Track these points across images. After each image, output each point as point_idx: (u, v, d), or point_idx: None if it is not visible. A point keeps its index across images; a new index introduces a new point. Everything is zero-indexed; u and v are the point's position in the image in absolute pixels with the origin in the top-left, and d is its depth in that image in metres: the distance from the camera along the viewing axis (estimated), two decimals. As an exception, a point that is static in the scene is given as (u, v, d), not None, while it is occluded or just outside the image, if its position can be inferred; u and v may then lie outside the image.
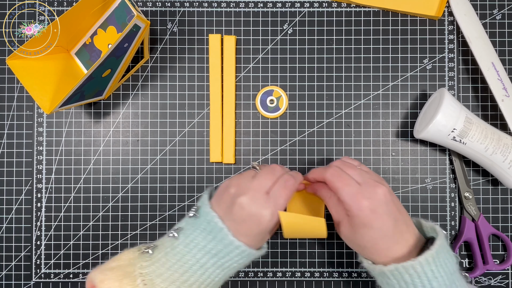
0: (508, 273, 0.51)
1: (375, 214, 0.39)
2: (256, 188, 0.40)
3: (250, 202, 0.40)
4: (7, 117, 0.52)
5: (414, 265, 0.38)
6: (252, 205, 0.39)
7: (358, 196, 0.39)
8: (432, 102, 0.49)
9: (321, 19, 0.52)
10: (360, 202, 0.39)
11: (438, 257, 0.38)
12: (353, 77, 0.52)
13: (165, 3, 0.53)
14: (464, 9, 0.51)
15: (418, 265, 0.38)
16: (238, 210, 0.40)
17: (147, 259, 0.39)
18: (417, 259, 0.38)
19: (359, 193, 0.39)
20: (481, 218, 0.50)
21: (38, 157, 0.52)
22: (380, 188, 0.40)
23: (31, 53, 0.44)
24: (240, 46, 0.52)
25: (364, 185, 0.40)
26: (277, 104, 0.52)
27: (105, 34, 0.48)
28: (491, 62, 0.49)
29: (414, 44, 0.52)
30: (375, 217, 0.39)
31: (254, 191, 0.40)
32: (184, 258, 0.39)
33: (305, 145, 0.52)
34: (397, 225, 0.39)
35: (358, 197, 0.39)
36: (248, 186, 0.41)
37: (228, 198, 0.41)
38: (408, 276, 0.38)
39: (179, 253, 0.39)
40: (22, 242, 0.52)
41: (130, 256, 0.40)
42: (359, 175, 0.41)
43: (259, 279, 0.51)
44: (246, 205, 0.39)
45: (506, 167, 0.47)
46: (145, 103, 0.52)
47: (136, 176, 0.52)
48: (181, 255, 0.39)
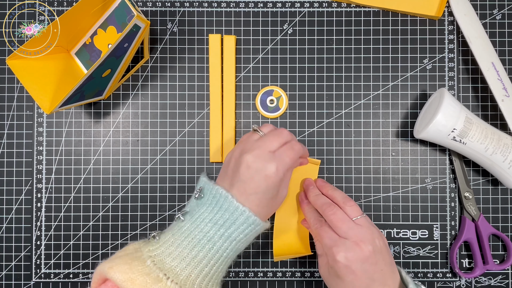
0: (508, 273, 0.51)
1: (347, 269, 0.40)
2: (261, 146, 0.41)
3: (255, 159, 0.40)
4: (7, 117, 0.52)
5: None
6: (258, 161, 0.40)
7: (334, 249, 0.40)
8: (432, 102, 0.49)
9: (321, 19, 0.52)
10: (335, 255, 0.40)
11: None
12: (353, 77, 0.52)
13: (165, 3, 0.53)
14: (464, 9, 0.51)
15: None
16: (244, 169, 0.40)
17: (154, 243, 0.39)
18: None
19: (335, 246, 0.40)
20: (481, 218, 0.50)
21: (38, 157, 0.52)
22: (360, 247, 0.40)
23: (31, 53, 0.44)
24: (240, 46, 0.52)
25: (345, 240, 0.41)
26: (277, 104, 0.52)
27: (105, 34, 0.48)
28: (491, 62, 0.49)
29: (414, 44, 0.52)
30: (347, 272, 0.40)
31: (259, 149, 0.41)
32: (191, 234, 0.39)
33: (305, 145, 0.52)
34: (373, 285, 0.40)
35: (334, 250, 0.40)
36: (253, 145, 0.41)
37: (233, 163, 0.41)
38: None
39: (187, 230, 0.39)
40: (22, 242, 0.52)
41: (135, 246, 0.40)
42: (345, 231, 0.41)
43: (259, 279, 0.51)
44: (251, 162, 0.40)
45: (506, 167, 0.47)
46: (145, 103, 0.52)
47: (136, 176, 0.52)
48: (189, 232, 0.39)
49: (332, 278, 0.42)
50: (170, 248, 0.38)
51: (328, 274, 0.42)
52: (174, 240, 0.39)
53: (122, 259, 0.38)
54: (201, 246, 0.38)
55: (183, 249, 0.38)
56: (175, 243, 0.39)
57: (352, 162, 0.52)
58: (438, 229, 0.51)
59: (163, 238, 0.40)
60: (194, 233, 0.39)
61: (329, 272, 0.42)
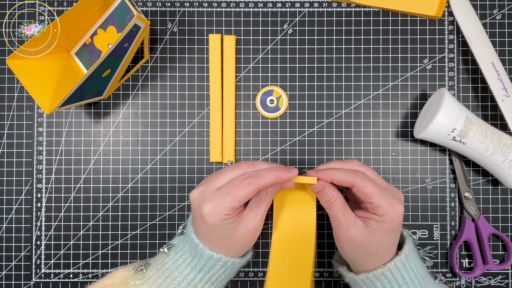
0: (508, 273, 0.51)
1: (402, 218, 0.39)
2: (208, 182, 0.39)
3: (196, 196, 0.38)
4: (7, 117, 0.52)
5: (384, 272, 0.38)
6: (197, 198, 0.38)
7: (394, 201, 0.38)
8: (432, 102, 0.49)
9: (321, 19, 0.52)
10: (397, 207, 0.38)
11: (408, 262, 0.39)
12: (353, 77, 0.52)
13: (165, 3, 0.53)
14: (464, 9, 0.51)
15: (388, 271, 0.38)
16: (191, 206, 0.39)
17: (141, 277, 0.39)
18: (387, 265, 0.38)
19: (393, 198, 0.38)
20: (481, 218, 0.50)
21: (38, 157, 0.52)
22: (400, 193, 0.40)
23: (31, 53, 0.44)
24: (240, 46, 0.52)
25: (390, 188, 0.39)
26: (277, 104, 0.52)
27: (105, 34, 0.48)
28: (491, 62, 0.49)
29: (414, 44, 0.52)
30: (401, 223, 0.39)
31: (205, 185, 0.39)
32: (172, 275, 0.38)
33: (305, 145, 0.52)
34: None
35: (394, 202, 0.38)
36: (204, 181, 0.40)
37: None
38: (379, 283, 0.39)
39: (168, 269, 0.39)
40: (22, 242, 0.52)
41: (124, 275, 0.40)
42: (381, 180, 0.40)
43: (259, 279, 0.51)
44: (193, 199, 0.39)
45: (506, 167, 0.47)
46: (145, 103, 0.52)
47: (136, 176, 0.52)
48: (170, 271, 0.39)
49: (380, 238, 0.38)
50: (153, 286, 0.38)
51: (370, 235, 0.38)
52: (156, 278, 0.39)
53: None
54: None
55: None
56: (157, 282, 0.38)
57: (352, 162, 0.52)
58: (438, 229, 0.51)
59: (148, 273, 0.39)
60: (175, 274, 0.38)
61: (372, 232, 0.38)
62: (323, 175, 0.39)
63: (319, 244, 0.51)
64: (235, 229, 0.39)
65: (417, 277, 0.39)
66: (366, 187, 0.38)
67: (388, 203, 0.37)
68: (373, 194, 0.38)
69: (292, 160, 0.52)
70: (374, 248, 0.39)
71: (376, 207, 0.38)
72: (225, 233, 0.38)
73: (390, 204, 0.37)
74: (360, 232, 0.38)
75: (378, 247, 0.39)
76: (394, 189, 0.40)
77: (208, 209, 0.37)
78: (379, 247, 0.39)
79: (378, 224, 0.38)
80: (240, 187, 0.37)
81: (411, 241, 0.41)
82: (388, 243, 0.39)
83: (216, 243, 0.39)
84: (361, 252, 0.40)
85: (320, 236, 0.52)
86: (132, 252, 0.51)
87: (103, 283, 0.39)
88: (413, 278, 0.38)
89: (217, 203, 0.37)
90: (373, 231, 0.38)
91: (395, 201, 0.38)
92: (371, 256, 0.39)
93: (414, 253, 0.40)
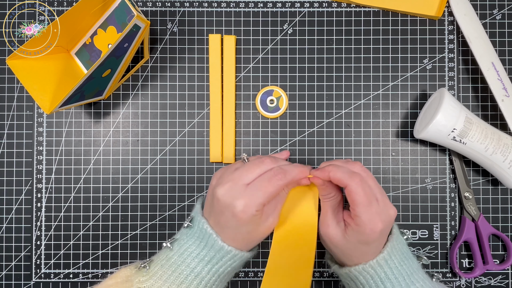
0: (508, 273, 0.51)
1: (381, 235, 0.39)
2: (235, 179, 0.39)
3: (225, 193, 0.38)
4: (7, 117, 0.52)
5: (365, 268, 0.39)
6: (227, 195, 0.38)
7: (376, 218, 0.38)
8: (432, 102, 0.49)
9: (321, 19, 0.52)
10: (376, 225, 0.38)
11: (392, 259, 0.39)
12: (353, 77, 0.52)
13: (165, 3, 0.53)
14: (464, 9, 0.51)
15: (369, 268, 0.39)
16: (216, 202, 0.39)
17: (145, 274, 0.39)
18: (369, 262, 0.39)
19: (377, 214, 0.38)
20: (481, 218, 0.50)
21: (38, 157, 0.52)
22: (393, 210, 0.40)
23: (31, 53, 0.44)
24: (240, 46, 0.52)
25: (382, 203, 0.39)
26: (277, 104, 0.52)
27: (105, 34, 0.48)
28: (491, 62, 0.49)
29: (414, 44, 0.52)
30: (378, 237, 0.39)
31: (232, 182, 0.39)
32: (179, 269, 0.39)
33: (305, 145, 0.52)
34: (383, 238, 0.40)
35: (376, 219, 0.38)
36: (229, 176, 0.39)
37: (210, 191, 0.40)
38: (362, 278, 0.39)
39: (174, 263, 0.39)
40: (22, 242, 0.52)
41: (127, 273, 0.40)
42: (378, 190, 0.40)
43: (259, 279, 0.51)
44: (221, 196, 0.38)
45: (506, 167, 0.47)
46: (145, 103, 0.52)
47: (136, 176, 0.52)
48: (176, 265, 0.39)
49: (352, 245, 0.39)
50: (158, 281, 0.38)
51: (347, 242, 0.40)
52: (162, 273, 0.39)
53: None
54: (189, 282, 0.38)
55: (171, 284, 0.38)
56: (163, 277, 0.38)
57: (352, 162, 0.52)
58: (438, 229, 0.51)
59: (153, 269, 0.39)
60: (181, 268, 0.38)
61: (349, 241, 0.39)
62: (322, 172, 0.40)
63: (319, 245, 0.51)
64: (259, 224, 0.40)
65: (401, 274, 0.39)
66: (356, 194, 0.38)
67: (368, 217, 0.38)
68: (358, 203, 0.38)
69: (292, 160, 0.52)
70: (347, 252, 0.40)
71: (356, 216, 0.38)
72: (250, 227, 0.39)
73: (370, 219, 0.38)
74: (338, 233, 0.40)
75: (351, 251, 0.40)
76: (386, 204, 0.39)
77: (242, 205, 0.37)
78: (353, 252, 0.40)
79: (354, 232, 0.39)
80: (270, 183, 0.38)
81: (397, 239, 0.41)
82: (362, 251, 0.40)
83: (238, 238, 0.39)
84: (336, 250, 0.41)
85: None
86: (132, 252, 0.51)
87: (105, 283, 0.39)
88: (397, 274, 0.39)
89: (249, 200, 0.37)
90: (348, 237, 0.39)
91: (376, 218, 0.38)
92: (347, 257, 0.41)
93: (398, 250, 0.40)
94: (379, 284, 0.38)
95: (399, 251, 0.40)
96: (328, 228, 0.41)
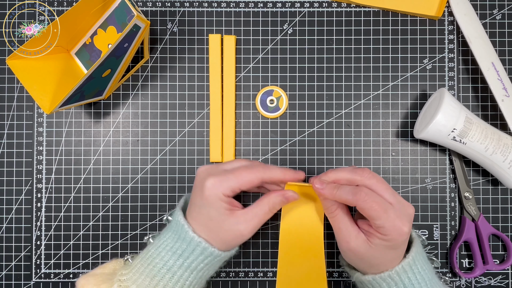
0: (508, 273, 0.51)
1: (408, 236, 0.38)
2: (219, 165, 0.42)
3: (204, 170, 0.40)
4: (7, 117, 0.52)
5: (391, 275, 0.38)
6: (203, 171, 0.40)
7: (399, 222, 0.37)
8: (432, 102, 0.49)
9: (321, 19, 0.52)
10: (401, 229, 0.37)
11: (415, 265, 0.39)
12: (353, 77, 0.52)
13: (165, 3, 0.53)
14: (464, 9, 0.51)
15: (395, 274, 0.38)
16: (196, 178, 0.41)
17: (127, 267, 0.40)
18: (394, 268, 0.38)
19: (398, 218, 0.37)
20: (481, 218, 0.50)
21: (38, 157, 0.52)
22: (411, 208, 0.39)
23: (31, 53, 0.44)
24: (240, 46, 0.52)
25: (398, 205, 0.38)
26: (277, 104, 0.52)
27: (105, 34, 0.48)
28: (491, 62, 0.49)
29: (414, 44, 0.52)
30: (406, 239, 0.38)
31: (215, 165, 0.42)
32: (153, 262, 0.39)
33: (305, 145, 0.52)
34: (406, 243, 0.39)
35: (399, 223, 0.37)
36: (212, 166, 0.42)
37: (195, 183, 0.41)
38: (386, 285, 0.39)
39: (150, 256, 0.39)
40: (22, 242, 0.52)
41: (115, 266, 0.41)
42: (390, 194, 0.38)
43: (259, 279, 0.51)
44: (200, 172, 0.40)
45: (506, 167, 0.47)
46: (145, 103, 0.52)
47: (136, 176, 0.52)
48: (152, 258, 0.39)
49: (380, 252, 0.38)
50: (136, 274, 0.39)
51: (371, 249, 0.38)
52: (140, 266, 0.39)
53: (95, 278, 0.39)
54: (161, 275, 0.38)
55: (145, 277, 0.38)
56: (140, 270, 0.39)
57: (352, 162, 0.52)
58: (438, 229, 0.51)
59: (134, 262, 0.40)
60: (155, 261, 0.39)
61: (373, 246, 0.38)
62: (325, 191, 0.39)
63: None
64: (223, 219, 0.39)
65: (423, 279, 0.38)
66: (368, 210, 0.37)
67: (391, 224, 0.37)
68: (375, 217, 0.37)
69: (292, 160, 0.52)
70: (376, 261, 0.39)
71: (378, 227, 0.37)
72: (212, 214, 0.39)
73: (393, 226, 0.37)
74: (361, 245, 0.38)
75: (380, 260, 0.39)
76: (402, 204, 0.38)
77: (211, 183, 0.38)
78: (382, 260, 0.39)
79: (380, 241, 0.38)
80: (246, 171, 0.39)
81: (418, 243, 0.40)
82: (390, 257, 0.39)
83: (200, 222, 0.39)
84: (363, 262, 0.40)
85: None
86: (132, 252, 0.51)
87: (94, 272, 0.41)
88: (420, 280, 0.38)
89: (219, 179, 0.38)
90: (375, 246, 0.38)
91: (399, 222, 0.37)
92: (374, 267, 0.39)
93: (421, 255, 0.40)
94: None
95: (422, 255, 0.40)
96: (349, 244, 0.39)
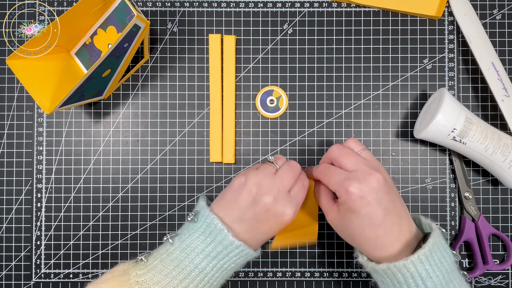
0: (508, 273, 0.51)
1: (362, 201, 0.38)
2: (280, 187, 0.41)
3: (275, 203, 0.40)
4: (7, 117, 0.52)
5: (406, 264, 0.37)
6: (278, 205, 0.40)
7: (346, 182, 0.39)
8: (432, 102, 0.49)
9: (321, 19, 0.52)
10: (348, 188, 0.39)
11: (432, 256, 0.37)
12: (353, 77, 0.52)
13: (165, 3, 0.53)
14: (464, 9, 0.51)
15: (410, 264, 0.37)
16: (262, 210, 0.40)
17: (142, 267, 0.39)
18: (409, 258, 0.37)
19: (346, 179, 0.39)
20: (481, 218, 0.50)
21: (38, 157, 0.52)
22: (373, 176, 0.39)
23: (31, 53, 0.44)
24: (240, 46, 0.52)
25: (356, 172, 0.40)
26: (277, 104, 0.52)
27: (105, 34, 0.48)
28: (491, 62, 0.49)
29: (414, 44, 0.52)
30: (362, 204, 0.38)
31: (278, 191, 0.40)
32: (181, 264, 0.38)
33: (305, 145, 0.52)
34: (388, 215, 0.39)
35: (346, 183, 0.39)
36: (271, 185, 0.40)
37: (248, 197, 0.40)
38: (401, 276, 0.37)
39: (176, 258, 0.39)
40: (22, 242, 0.52)
41: (124, 267, 0.40)
42: (353, 163, 0.40)
43: (259, 279, 0.51)
44: (271, 205, 0.40)
45: (506, 167, 0.47)
46: (145, 103, 0.52)
47: (136, 176, 0.52)
48: (179, 261, 0.38)
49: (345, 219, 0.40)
50: (158, 276, 0.38)
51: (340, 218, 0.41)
52: (162, 267, 0.38)
53: (108, 284, 0.38)
54: (192, 277, 0.38)
55: (172, 279, 0.38)
56: (163, 271, 0.38)
57: (352, 162, 0.52)
58: (438, 229, 0.51)
59: (152, 262, 0.39)
60: (185, 263, 0.38)
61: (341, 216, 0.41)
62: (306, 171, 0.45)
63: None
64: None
65: (441, 272, 0.37)
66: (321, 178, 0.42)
67: (338, 184, 0.40)
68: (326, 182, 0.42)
69: (292, 160, 0.52)
70: (348, 231, 0.41)
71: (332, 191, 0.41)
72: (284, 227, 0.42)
73: (340, 185, 0.40)
74: (335, 215, 0.41)
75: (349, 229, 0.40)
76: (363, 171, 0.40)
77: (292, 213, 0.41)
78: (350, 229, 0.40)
79: (341, 206, 0.40)
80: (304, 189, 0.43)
81: (438, 234, 0.39)
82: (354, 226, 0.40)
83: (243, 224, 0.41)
84: (344, 235, 0.42)
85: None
86: (132, 252, 0.51)
87: (103, 278, 0.39)
88: (438, 272, 0.37)
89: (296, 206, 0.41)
90: (341, 214, 0.40)
91: (346, 183, 0.39)
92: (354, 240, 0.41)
93: (440, 246, 0.38)
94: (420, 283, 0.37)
95: (441, 246, 0.38)
96: (327, 215, 0.42)
